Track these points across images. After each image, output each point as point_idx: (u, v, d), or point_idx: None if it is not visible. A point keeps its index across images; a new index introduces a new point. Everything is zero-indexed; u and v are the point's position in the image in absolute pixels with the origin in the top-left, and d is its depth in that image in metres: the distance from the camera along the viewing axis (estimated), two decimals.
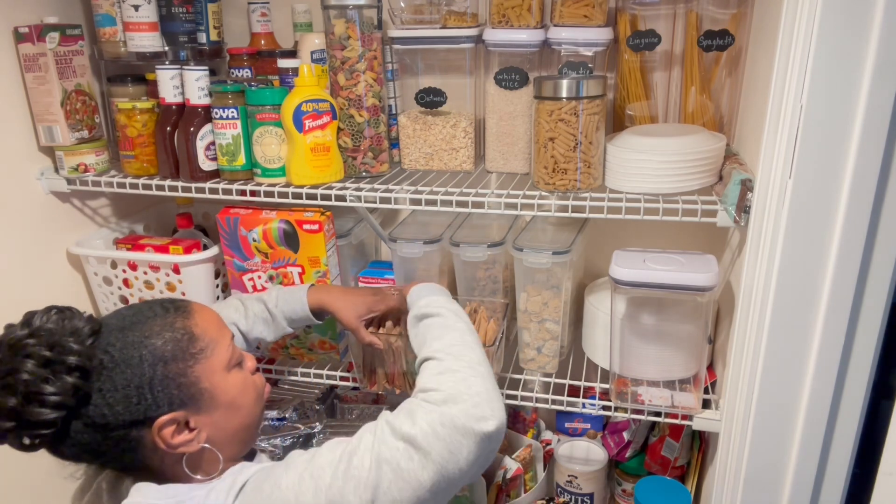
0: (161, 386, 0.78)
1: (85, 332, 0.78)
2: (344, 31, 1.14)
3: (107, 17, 1.29)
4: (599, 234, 1.38)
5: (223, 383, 0.84)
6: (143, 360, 0.78)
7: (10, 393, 0.73)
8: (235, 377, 0.86)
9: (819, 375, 0.93)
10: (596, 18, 1.13)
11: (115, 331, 0.80)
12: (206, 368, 0.82)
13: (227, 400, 0.84)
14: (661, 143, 1.06)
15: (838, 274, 0.88)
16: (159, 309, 0.84)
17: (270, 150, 1.18)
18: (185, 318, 0.84)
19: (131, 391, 0.77)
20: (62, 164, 1.29)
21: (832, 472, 1.00)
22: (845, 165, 0.84)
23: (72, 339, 0.76)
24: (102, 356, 0.78)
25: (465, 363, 0.83)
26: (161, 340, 0.80)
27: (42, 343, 0.75)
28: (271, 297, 1.14)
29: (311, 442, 1.47)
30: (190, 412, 0.80)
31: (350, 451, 0.75)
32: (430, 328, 0.92)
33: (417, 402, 0.78)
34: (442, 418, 0.75)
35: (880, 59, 0.79)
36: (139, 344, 0.79)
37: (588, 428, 1.54)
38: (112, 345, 0.79)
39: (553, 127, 1.05)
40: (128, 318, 0.82)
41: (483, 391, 0.78)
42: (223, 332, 0.87)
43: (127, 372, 0.77)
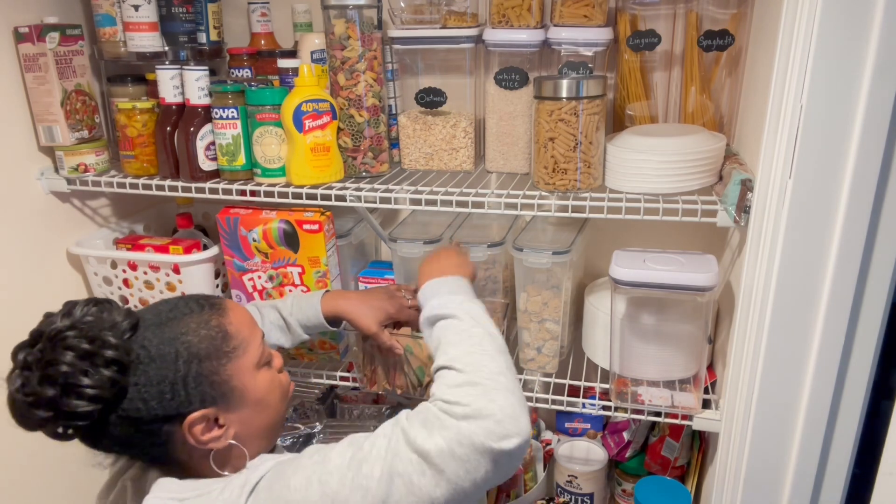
0: (194, 383, 0.79)
1: (123, 327, 0.79)
2: (344, 31, 1.14)
3: (107, 17, 1.29)
4: (599, 234, 1.38)
5: (253, 381, 0.85)
6: (178, 357, 0.79)
7: (50, 384, 0.74)
8: (264, 376, 0.87)
9: (819, 375, 0.93)
10: (596, 18, 1.12)
11: (152, 326, 0.81)
12: (237, 367, 0.83)
13: (255, 398, 0.85)
14: (661, 143, 1.06)
15: (838, 274, 0.88)
16: (195, 305, 0.85)
17: (270, 150, 1.18)
18: (220, 315, 0.84)
19: (165, 387, 0.78)
20: (62, 164, 1.29)
21: (832, 472, 1.00)
22: (845, 165, 0.84)
23: (110, 333, 0.77)
24: (139, 351, 0.79)
25: (486, 374, 0.77)
26: (196, 338, 0.81)
27: (82, 335, 0.76)
28: (286, 304, 1.14)
29: (311, 442, 1.47)
30: (220, 409, 0.81)
31: (361, 458, 0.72)
32: (446, 331, 0.87)
33: (435, 413, 0.74)
34: (460, 437, 0.70)
35: (880, 59, 0.79)
36: (175, 340, 0.80)
37: (588, 428, 1.54)
38: (149, 340, 0.80)
39: (553, 127, 1.05)
40: (164, 313, 0.83)
41: (507, 405, 0.73)
42: (255, 330, 0.88)
43: (162, 368, 0.78)
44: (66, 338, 0.76)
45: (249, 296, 1.29)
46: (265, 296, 1.28)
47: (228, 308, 0.87)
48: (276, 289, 1.27)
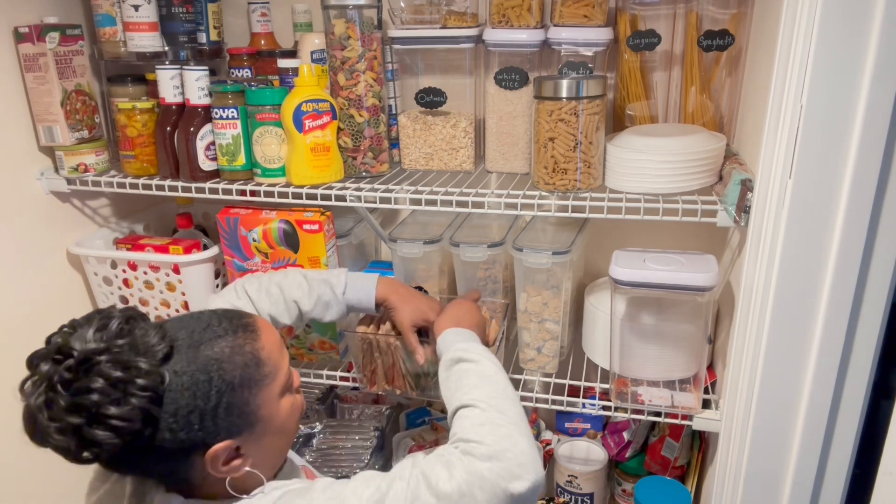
0: (224, 413, 0.76)
1: (159, 352, 0.74)
2: (344, 31, 1.14)
3: (107, 17, 1.29)
4: (599, 234, 1.38)
5: (277, 409, 0.82)
6: (211, 386, 0.75)
7: (77, 412, 0.70)
8: (287, 401, 0.84)
9: (819, 375, 0.93)
10: (596, 18, 1.12)
11: (186, 349, 0.77)
12: (266, 395, 0.80)
13: (277, 426, 0.83)
14: (661, 143, 1.06)
15: (838, 274, 0.88)
16: (229, 326, 0.81)
17: (270, 150, 1.18)
18: (253, 340, 0.81)
19: (194, 417, 0.75)
20: (62, 164, 1.29)
21: (832, 472, 1.00)
22: (845, 165, 0.84)
23: (144, 360, 0.72)
24: (173, 378, 0.74)
25: (509, 418, 0.79)
26: (231, 365, 0.77)
27: (116, 361, 0.71)
28: (340, 282, 1.10)
29: (311, 442, 1.47)
30: (243, 439, 0.79)
31: (378, 498, 0.73)
32: (468, 374, 0.88)
33: (458, 455, 0.75)
34: (482, 479, 0.72)
35: (880, 59, 0.79)
36: (209, 367, 0.76)
37: (588, 428, 1.54)
38: (183, 366, 0.75)
39: (553, 127, 1.05)
40: (197, 333, 0.79)
41: (528, 450, 0.76)
42: (283, 354, 0.85)
43: (195, 397, 0.75)
44: (98, 363, 0.71)
45: None
46: None
47: (261, 330, 0.83)
48: None
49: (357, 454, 1.44)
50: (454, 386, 0.88)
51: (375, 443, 1.46)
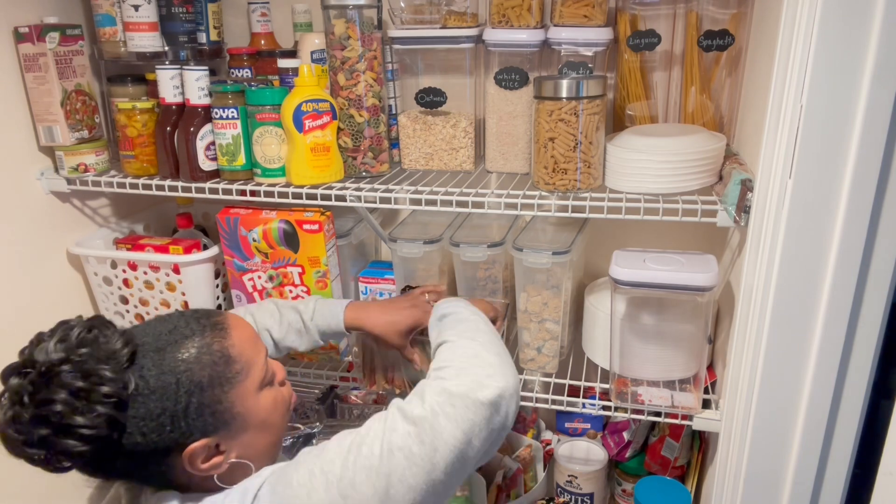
0: (196, 414, 0.76)
1: (121, 357, 0.74)
2: (344, 31, 1.14)
3: (107, 17, 1.29)
4: (599, 234, 1.38)
5: (255, 404, 0.82)
6: (179, 387, 0.75)
7: (43, 423, 0.70)
8: (266, 396, 0.84)
9: (819, 375, 0.93)
10: (596, 18, 1.12)
11: (151, 352, 0.77)
12: (240, 392, 0.80)
13: (258, 421, 0.82)
14: (661, 143, 1.06)
15: (838, 274, 0.88)
16: (196, 326, 0.80)
17: (270, 150, 1.18)
18: (222, 337, 0.81)
19: (165, 419, 0.75)
20: (62, 164, 1.29)
21: (832, 472, 1.00)
22: (845, 165, 0.84)
23: (107, 368, 0.72)
24: (138, 381, 0.74)
25: (479, 343, 0.85)
26: (198, 365, 0.77)
27: (77, 370, 0.71)
28: (308, 308, 1.12)
29: (311, 442, 1.47)
30: (221, 437, 0.79)
31: (359, 441, 0.74)
32: (447, 323, 0.93)
33: (428, 383, 0.79)
34: (451, 395, 0.75)
35: (880, 59, 0.79)
36: (175, 369, 0.76)
37: (588, 428, 1.54)
38: (148, 369, 0.75)
39: (553, 127, 1.05)
40: (163, 336, 0.79)
41: (495, 361, 0.80)
42: (258, 348, 0.85)
43: (162, 399, 0.75)
44: (59, 373, 0.71)
45: (249, 296, 1.29)
46: (265, 296, 1.28)
47: (230, 327, 0.83)
48: (276, 289, 1.27)
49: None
50: (435, 335, 0.93)
51: None
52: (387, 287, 1.34)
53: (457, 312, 0.95)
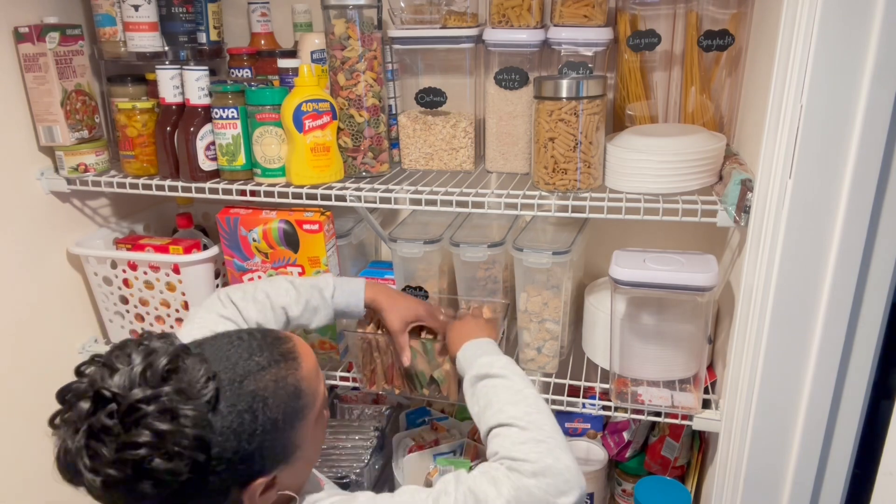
0: (268, 452, 0.74)
1: (207, 395, 0.69)
2: (344, 31, 1.14)
3: (107, 17, 1.29)
4: (599, 234, 1.38)
5: (313, 435, 0.80)
6: (256, 426, 0.72)
7: (123, 466, 0.65)
8: (320, 423, 0.82)
9: (819, 375, 0.93)
10: (596, 18, 1.12)
11: (230, 385, 0.72)
12: (304, 426, 0.78)
13: (310, 453, 0.81)
14: (660, 143, 1.06)
15: (838, 274, 0.88)
16: (270, 356, 0.77)
17: (270, 150, 1.18)
18: (295, 369, 0.78)
19: (238, 458, 0.72)
20: (62, 164, 1.29)
21: (832, 472, 1.00)
22: (845, 165, 0.84)
23: (192, 407, 0.68)
24: (219, 422, 0.70)
25: (548, 433, 0.82)
26: (275, 400, 0.74)
27: (163, 410, 0.66)
28: (328, 286, 1.09)
29: None
30: (280, 470, 0.77)
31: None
32: (497, 391, 0.89)
33: (504, 472, 0.77)
34: (530, 493, 0.75)
35: (880, 59, 0.79)
36: (254, 407, 0.72)
37: (588, 428, 1.54)
38: (230, 407, 0.71)
39: (553, 127, 1.05)
40: (240, 365, 0.74)
41: (572, 465, 0.79)
42: (319, 378, 0.83)
43: (239, 439, 0.71)
44: (146, 414, 0.66)
45: None
46: None
47: (301, 357, 0.80)
48: None
49: (357, 454, 1.44)
50: (484, 403, 0.89)
51: (375, 443, 1.46)
52: None
53: (505, 377, 0.91)
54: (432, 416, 1.58)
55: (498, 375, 0.91)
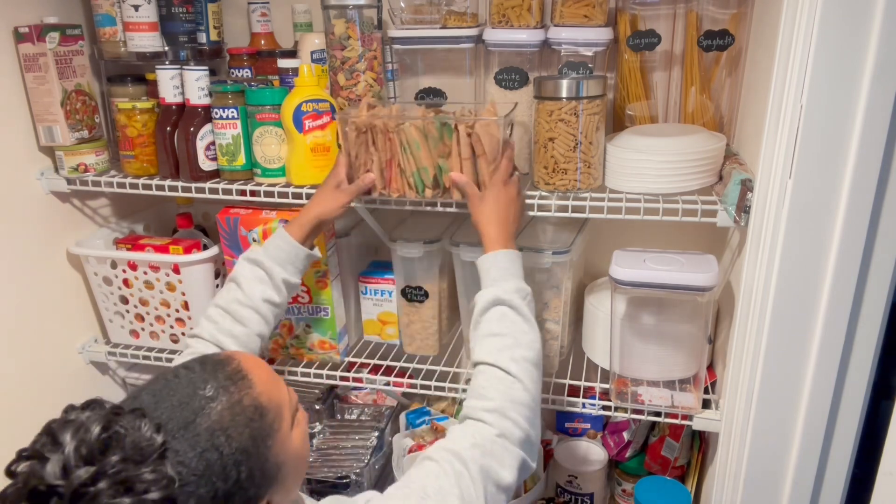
0: (248, 483, 0.68)
1: (156, 449, 0.62)
2: (344, 31, 1.14)
3: (107, 17, 1.29)
4: (599, 234, 1.38)
5: (293, 446, 0.75)
6: (225, 461, 0.66)
7: None
8: (297, 432, 0.77)
9: (819, 375, 0.93)
10: (596, 18, 1.12)
11: (180, 430, 0.65)
12: (279, 441, 0.73)
13: (296, 462, 0.77)
14: (660, 144, 1.06)
15: (838, 274, 0.88)
16: (214, 382, 0.70)
17: (270, 150, 1.18)
18: (248, 387, 0.71)
19: (219, 499, 0.66)
20: (62, 164, 1.29)
21: (832, 472, 1.00)
22: (845, 165, 0.84)
23: (147, 469, 0.60)
24: (180, 470, 0.62)
25: (533, 392, 0.90)
26: (237, 429, 0.68)
27: (115, 485, 0.58)
28: (259, 255, 1.06)
29: (310, 442, 1.47)
30: (272, 491, 0.73)
31: None
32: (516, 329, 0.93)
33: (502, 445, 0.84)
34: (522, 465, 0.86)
35: (880, 59, 0.79)
36: (215, 443, 0.66)
37: (588, 428, 1.54)
38: (185, 453, 0.64)
39: (553, 127, 1.05)
40: (185, 405, 0.67)
41: (536, 441, 0.90)
42: (279, 384, 0.77)
43: (211, 481, 0.65)
44: (96, 496, 0.57)
45: None
46: None
47: (249, 371, 0.73)
48: None
49: (357, 454, 1.44)
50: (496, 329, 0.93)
51: (375, 443, 1.46)
52: (387, 287, 1.34)
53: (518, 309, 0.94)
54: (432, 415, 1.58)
55: (514, 307, 0.94)
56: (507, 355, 0.90)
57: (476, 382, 0.90)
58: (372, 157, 1.06)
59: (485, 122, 1.00)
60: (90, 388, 1.44)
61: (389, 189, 1.09)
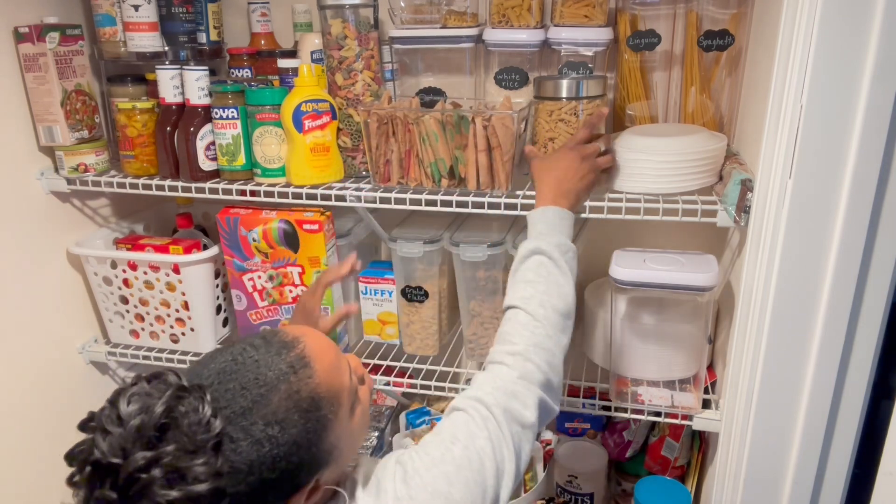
0: (296, 470, 0.69)
1: (211, 439, 0.63)
2: (340, 30, 1.14)
3: (107, 17, 1.29)
4: (599, 234, 1.38)
5: (350, 430, 0.76)
6: (276, 455, 0.67)
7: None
8: (357, 416, 0.77)
9: (819, 375, 0.93)
10: (596, 18, 1.12)
11: (238, 416, 0.66)
12: (335, 428, 0.73)
13: (352, 441, 0.77)
14: (660, 143, 1.06)
15: (838, 274, 0.88)
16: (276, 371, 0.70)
17: (270, 150, 1.18)
18: (308, 377, 0.71)
19: (265, 487, 0.67)
20: (62, 164, 1.29)
21: (832, 472, 1.00)
22: (845, 165, 0.84)
23: (200, 462, 0.61)
24: (233, 459, 0.64)
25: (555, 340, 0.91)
26: (291, 422, 0.68)
27: (168, 474, 0.60)
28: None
29: None
30: (321, 474, 0.73)
31: None
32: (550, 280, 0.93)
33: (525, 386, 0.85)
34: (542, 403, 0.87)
35: (880, 59, 0.79)
36: (269, 435, 0.66)
37: (588, 428, 1.54)
38: (239, 442, 0.65)
39: (553, 127, 1.05)
40: (248, 390, 0.67)
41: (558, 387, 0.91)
42: (341, 369, 0.76)
43: (260, 471, 0.66)
44: (151, 482, 0.60)
45: (249, 296, 1.29)
46: (265, 296, 1.28)
47: (313, 360, 0.73)
48: (276, 289, 1.27)
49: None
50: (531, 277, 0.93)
51: (375, 443, 1.46)
52: (387, 287, 1.34)
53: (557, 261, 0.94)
54: (432, 416, 1.58)
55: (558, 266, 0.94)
56: (536, 301, 0.91)
57: (503, 329, 0.91)
58: (391, 148, 1.09)
59: (501, 115, 1.02)
60: (90, 388, 1.44)
61: (407, 178, 1.12)
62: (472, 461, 0.76)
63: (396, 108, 1.08)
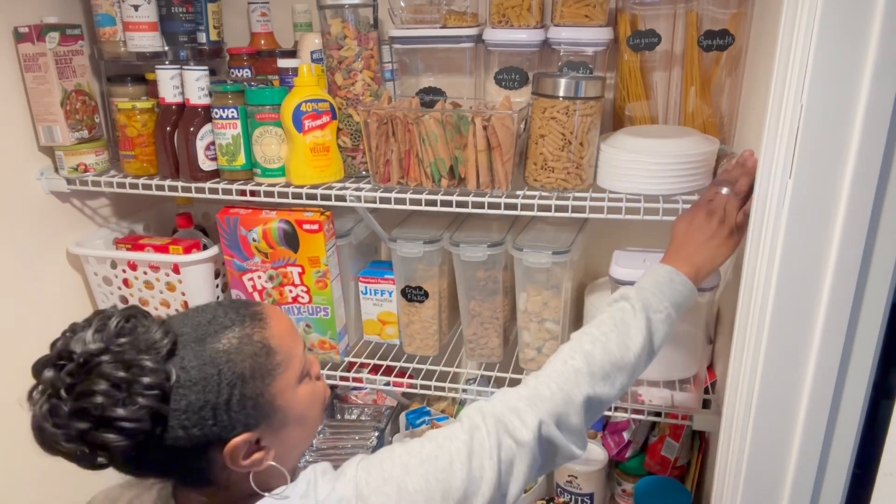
0: (238, 406, 0.74)
1: (162, 347, 0.72)
2: (340, 30, 1.14)
3: (107, 17, 1.29)
4: (599, 234, 1.38)
5: (294, 398, 0.80)
6: (221, 379, 0.73)
7: (83, 417, 0.68)
8: (304, 389, 0.82)
9: (819, 375, 0.93)
10: (596, 18, 1.12)
11: (191, 343, 0.74)
12: (280, 385, 0.78)
13: (296, 415, 0.80)
14: (651, 145, 1.06)
15: (838, 274, 0.88)
16: (235, 316, 0.78)
17: (270, 150, 1.18)
18: (262, 328, 0.78)
19: (207, 412, 0.72)
20: (62, 164, 1.29)
21: (832, 472, 0.99)
22: (845, 165, 0.83)
23: (148, 358, 0.70)
24: (179, 373, 0.72)
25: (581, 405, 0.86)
26: (240, 356, 0.75)
27: (117, 360, 0.69)
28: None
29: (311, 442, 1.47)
30: (262, 431, 0.77)
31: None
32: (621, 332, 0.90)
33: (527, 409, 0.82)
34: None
35: (880, 59, 0.78)
36: (217, 360, 0.74)
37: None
38: (189, 361, 0.73)
39: (544, 124, 1.05)
40: (203, 326, 0.76)
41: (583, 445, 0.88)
42: (297, 341, 0.83)
43: (204, 391, 0.72)
44: (100, 363, 0.69)
45: (249, 296, 1.29)
46: (265, 296, 1.28)
47: (270, 317, 0.80)
48: (276, 289, 1.27)
49: (357, 454, 1.44)
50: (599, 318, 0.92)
51: (375, 443, 1.46)
52: (387, 287, 1.34)
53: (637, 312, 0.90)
54: (432, 416, 1.58)
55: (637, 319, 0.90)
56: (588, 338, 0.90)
57: (549, 360, 0.90)
58: (391, 148, 1.09)
59: (500, 115, 1.03)
60: None
61: (407, 178, 1.12)
62: (440, 459, 0.76)
63: (396, 108, 1.09)
